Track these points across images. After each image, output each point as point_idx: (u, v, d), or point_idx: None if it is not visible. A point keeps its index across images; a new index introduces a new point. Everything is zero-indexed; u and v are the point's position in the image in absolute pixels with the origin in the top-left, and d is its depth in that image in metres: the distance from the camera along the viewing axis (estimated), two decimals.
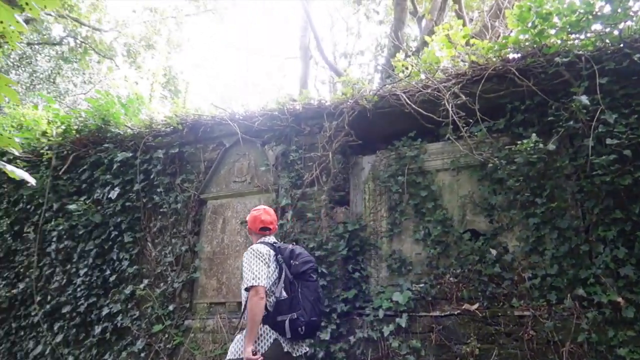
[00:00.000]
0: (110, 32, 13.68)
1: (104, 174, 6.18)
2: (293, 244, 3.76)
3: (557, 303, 3.99)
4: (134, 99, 6.71)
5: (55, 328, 5.83)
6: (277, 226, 3.86)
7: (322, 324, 4.54)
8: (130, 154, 6.07)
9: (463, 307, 4.24)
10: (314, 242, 4.88)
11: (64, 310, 5.84)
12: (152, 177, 5.97)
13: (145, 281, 5.61)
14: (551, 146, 4.06)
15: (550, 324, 3.84)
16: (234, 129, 5.74)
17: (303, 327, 3.24)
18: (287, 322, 3.26)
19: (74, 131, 6.49)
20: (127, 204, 5.96)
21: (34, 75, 13.74)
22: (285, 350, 3.34)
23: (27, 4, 2.02)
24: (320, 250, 4.80)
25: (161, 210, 5.88)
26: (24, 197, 6.54)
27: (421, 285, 4.50)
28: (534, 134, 4.12)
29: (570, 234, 4.07)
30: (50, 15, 13.45)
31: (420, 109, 4.84)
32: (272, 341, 3.32)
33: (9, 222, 6.58)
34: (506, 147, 4.51)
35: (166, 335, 5.32)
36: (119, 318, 5.56)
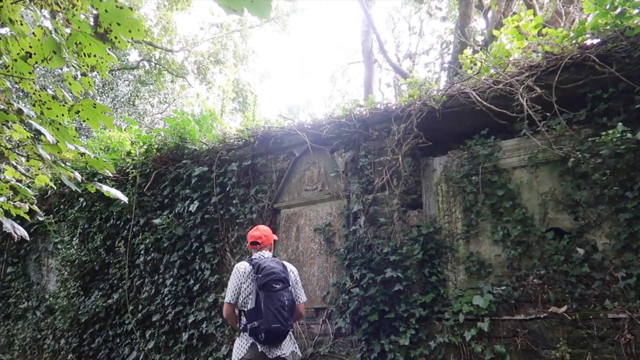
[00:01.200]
0: (181, 52, 14.50)
1: (184, 189, 6.51)
2: (273, 258, 4.05)
3: None
4: (207, 116, 7.03)
5: (147, 335, 6.21)
6: (269, 240, 4.16)
7: (401, 328, 4.50)
8: (206, 168, 6.36)
9: (550, 310, 4.03)
10: (388, 246, 4.84)
11: (154, 319, 6.20)
12: (227, 189, 6.22)
13: (224, 290, 5.82)
14: None
15: None
16: (302, 138, 5.86)
17: (262, 334, 3.63)
18: (249, 330, 3.73)
19: (154, 150, 6.90)
20: (206, 216, 6.23)
21: (116, 99, 14.78)
22: (260, 350, 3.73)
23: (116, 37, 2.19)
24: (395, 255, 4.76)
25: (237, 220, 6.10)
26: (114, 213, 7.04)
27: (502, 287, 4.33)
28: (619, 123, 3.85)
29: None
30: (129, 41, 14.40)
31: (492, 106, 4.68)
32: (249, 345, 3.77)
33: (102, 237, 7.11)
34: (589, 139, 4.25)
35: None
36: (203, 325, 5.82)
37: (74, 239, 7.47)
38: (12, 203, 3.45)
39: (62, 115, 2.58)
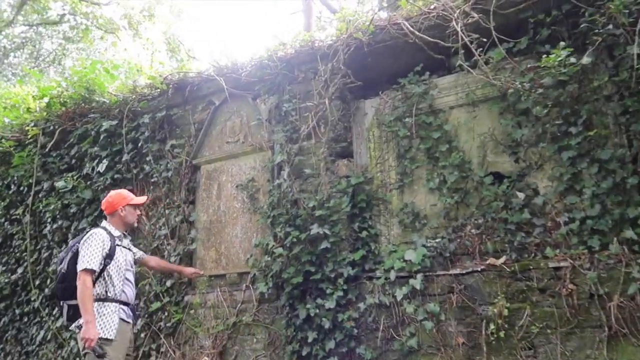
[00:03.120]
0: (110, 5, 13.23)
1: (92, 147, 5.74)
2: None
3: (600, 250, 3.32)
4: (120, 64, 6.19)
5: (55, 312, 5.53)
6: (107, 208, 3.86)
7: (328, 290, 4.02)
8: (116, 122, 5.59)
9: (487, 262, 3.62)
10: (315, 200, 4.30)
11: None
12: (140, 145, 5.49)
13: None
14: (586, 59, 3.32)
15: (593, 274, 3.19)
16: (222, 85, 5.15)
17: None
18: None
19: (57, 104, 6.04)
20: (117, 176, 5.51)
21: (40, 58, 13.45)
22: None
23: None
24: (321, 210, 4.22)
25: (152, 180, 5.41)
26: (15, 178, 6.19)
27: (437, 240, 3.89)
28: (562, 43, 3.37)
29: (614, 166, 3.36)
30: None
31: (425, 36, 4.13)
32: None
33: (2, 205, 6.27)
34: (531, 71, 3.78)
35: (165, 314, 4.91)
36: None
37: None
38: None
39: None
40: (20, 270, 5.93)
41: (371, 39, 4.39)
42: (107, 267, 3.58)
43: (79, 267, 3.44)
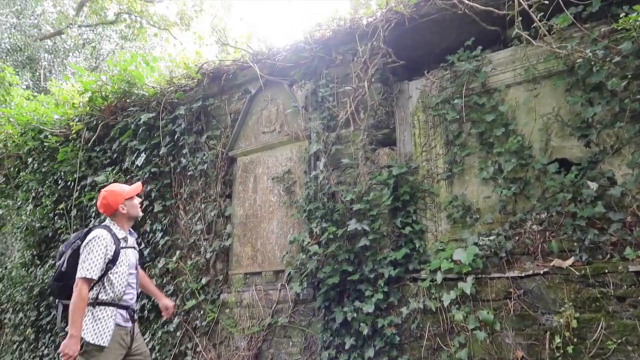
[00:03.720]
0: (163, 2, 13.44)
1: (132, 140, 5.64)
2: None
3: None
4: (160, 57, 6.07)
5: None
6: (106, 210, 3.45)
7: (367, 292, 3.62)
8: (154, 115, 5.45)
9: (552, 264, 3.09)
10: (353, 193, 3.91)
11: None
12: (176, 137, 5.32)
13: (178, 253, 5.03)
14: None
15: None
16: (257, 72, 4.87)
17: None
18: None
19: (99, 98, 6.00)
20: (154, 169, 5.37)
21: (100, 58, 13.88)
22: None
23: None
24: (360, 203, 3.83)
25: (189, 173, 5.22)
26: (63, 173, 6.24)
27: (492, 237, 3.38)
28: None
29: None
30: None
31: (477, 4, 3.62)
32: None
33: (52, 200, 6.35)
34: (605, 37, 3.19)
35: (201, 312, 4.71)
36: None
37: (27, 203, 6.74)
38: None
39: None
40: None
41: (414, 12, 3.93)
42: (109, 272, 3.31)
43: (78, 274, 3.17)
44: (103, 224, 3.47)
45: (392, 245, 3.77)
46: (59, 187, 6.41)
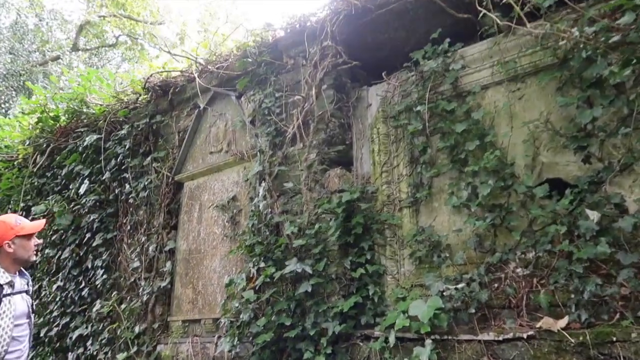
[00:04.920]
0: (164, 24, 13.14)
1: (78, 165, 5.03)
2: None
3: None
4: (114, 73, 5.48)
5: (32, 356, 4.81)
6: None
7: (307, 353, 2.82)
8: (100, 136, 4.83)
9: (540, 325, 2.23)
10: (295, 225, 3.15)
11: (41, 334, 4.78)
12: (121, 160, 4.67)
13: (115, 294, 4.32)
14: None
15: None
16: (200, 82, 4.21)
17: None
18: None
19: (49, 119, 5.43)
20: (95, 197, 4.72)
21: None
22: None
23: None
24: (302, 238, 3.06)
25: (131, 201, 4.55)
26: (8, 202, 5.66)
27: (461, 285, 2.55)
28: None
29: None
30: (104, 17, 13.20)
31: None
32: None
33: None
34: (606, 16, 2.38)
35: None
36: (89, 343, 4.34)
37: None
38: None
39: None
40: None
41: (369, 3, 3.20)
42: None
43: None
44: None
45: (342, 292, 2.97)
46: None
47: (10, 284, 2.78)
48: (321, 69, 3.35)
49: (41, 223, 2.87)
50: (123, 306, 4.15)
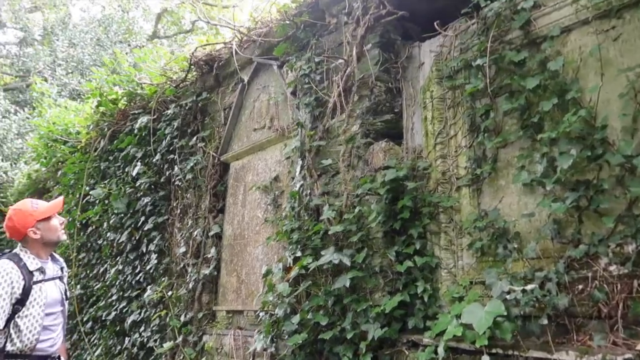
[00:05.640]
0: (237, 6, 13.17)
1: (132, 147, 4.96)
2: None
3: None
4: (164, 52, 5.33)
5: (94, 338, 4.88)
6: (13, 235, 2.72)
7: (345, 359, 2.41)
8: (149, 117, 4.70)
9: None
10: (334, 209, 2.72)
11: (103, 317, 4.82)
12: (168, 140, 4.50)
13: (165, 280, 4.19)
14: None
15: None
16: (250, 54, 3.89)
17: None
18: None
19: (109, 103, 5.42)
20: (148, 180, 4.60)
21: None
22: None
23: None
24: (339, 224, 2.63)
25: (177, 184, 4.37)
26: (72, 185, 5.77)
27: (532, 286, 1.97)
28: None
29: None
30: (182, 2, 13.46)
31: None
32: None
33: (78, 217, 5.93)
34: None
35: (181, 357, 3.79)
36: (141, 329, 4.27)
37: None
38: None
39: None
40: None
41: None
42: (16, 316, 2.55)
43: None
44: (12, 251, 2.75)
45: (387, 288, 2.50)
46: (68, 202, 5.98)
47: (41, 271, 2.69)
48: (363, 24, 2.84)
49: (59, 202, 2.71)
50: (171, 293, 4.00)
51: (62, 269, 2.95)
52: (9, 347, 2.53)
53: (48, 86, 8.03)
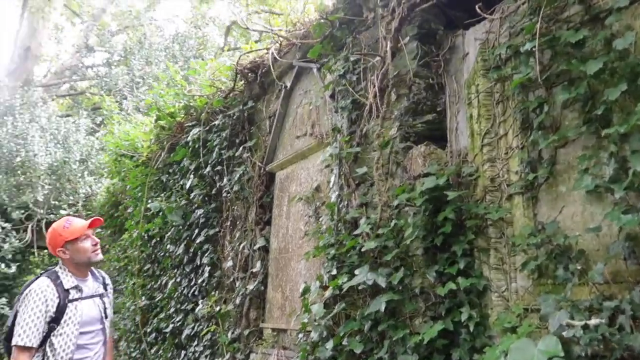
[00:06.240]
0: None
1: (187, 159, 4.98)
2: None
3: None
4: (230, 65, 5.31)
5: (154, 350, 4.93)
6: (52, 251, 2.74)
7: None
8: (199, 129, 4.69)
9: None
10: (370, 222, 2.45)
11: (164, 329, 4.86)
12: (216, 152, 4.45)
13: (216, 295, 4.11)
14: None
15: None
16: (291, 58, 3.73)
17: None
18: None
19: (166, 116, 5.51)
20: (200, 192, 4.59)
21: None
22: None
23: None
24: (373, 240, 2.35)
25: (225, 195, 4.29)
26: (135, 198, 5.93)
27: (597, 321, 1.58)
28: None
29: None
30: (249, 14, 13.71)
31: None
32: None
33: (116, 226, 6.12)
34: None
35: None
36: (195, 344, 4.23)
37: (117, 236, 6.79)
38: None
39: None
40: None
41: None
42: (51, 334, 2.55)
43: (13, 340, 2.52)
44: (53, 269, 2.80)
45: (429, 313, 2.19)
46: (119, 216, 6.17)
47: (78, 289, 2.70)
48: (397, 15, 2.55)
49: (85, 224, 2.69)
50: (219, 308, 3.92)
51: (106, 285, 2.94)
52: None
53: (116, 104, 8.47)
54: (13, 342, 2.50)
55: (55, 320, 2.56)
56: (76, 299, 2.66)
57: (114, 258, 6.38)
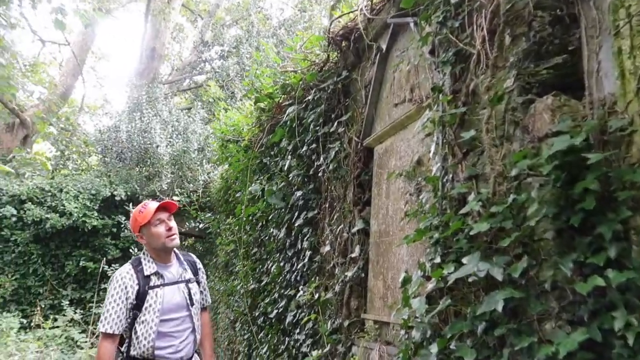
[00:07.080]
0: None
1: (285, 140, 4.78)
2: None
3: None
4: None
5: (260, 337, 4.84)
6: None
7: None
8: (294, 107, 4.44)
9: None
10: (480, 198, 1.96)
11: (270, 314, 4.75)
12: (312, 129, 4.17)
13: (316, 281, 3.86)
14: None
15: None
16: (386, 15, 3.29)
17: None
18: None
19: (265, 98, 5.36)
20: (298, 173, 4.35)
21: None
22: None
23: None
24: (484, 220, 1.86)
25: (320, 175, 3.99)
26: (240, 182, 5.90)
27: None
28: None
29: None
30: None
31: None
32: None
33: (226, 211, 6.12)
34: None
35: None
36: (297, 331, 4.03)
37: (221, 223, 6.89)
38: None
39: None
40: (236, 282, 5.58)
41: None
42: (135, 321, 2.49)
43: (98, 327, 2.53)
44: (139, 255, 2.77)
45: (565, 315, 1.65)
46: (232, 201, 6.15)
47: (158, 275, 2.62)
48: None
49: (151, 208, 2.57)
50: (317, 295, 3.65)
51: (194, 270, 2.83)
52: (132, 352, 2.53)
53: (230, 92, 8.63)
54: (98, 328, 2.49)
55: (137, 307, 2.50)
56: (157, 286, 2.57)
57: (225, 242, 6.48)
